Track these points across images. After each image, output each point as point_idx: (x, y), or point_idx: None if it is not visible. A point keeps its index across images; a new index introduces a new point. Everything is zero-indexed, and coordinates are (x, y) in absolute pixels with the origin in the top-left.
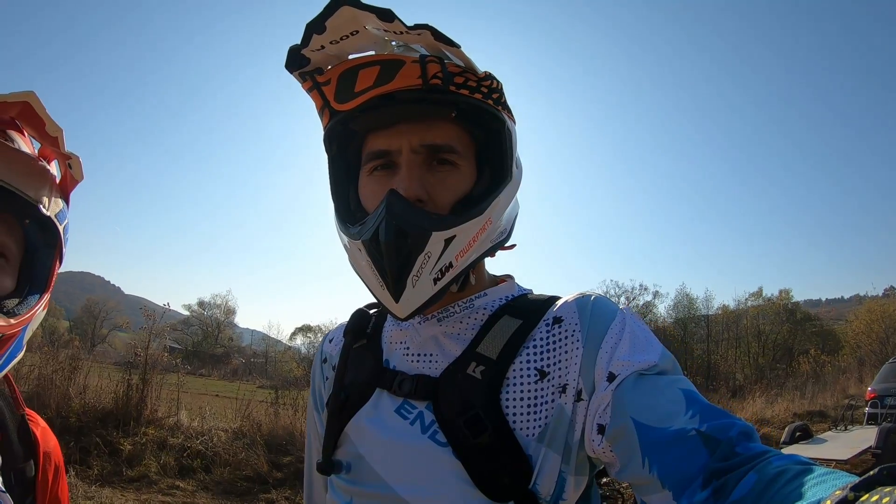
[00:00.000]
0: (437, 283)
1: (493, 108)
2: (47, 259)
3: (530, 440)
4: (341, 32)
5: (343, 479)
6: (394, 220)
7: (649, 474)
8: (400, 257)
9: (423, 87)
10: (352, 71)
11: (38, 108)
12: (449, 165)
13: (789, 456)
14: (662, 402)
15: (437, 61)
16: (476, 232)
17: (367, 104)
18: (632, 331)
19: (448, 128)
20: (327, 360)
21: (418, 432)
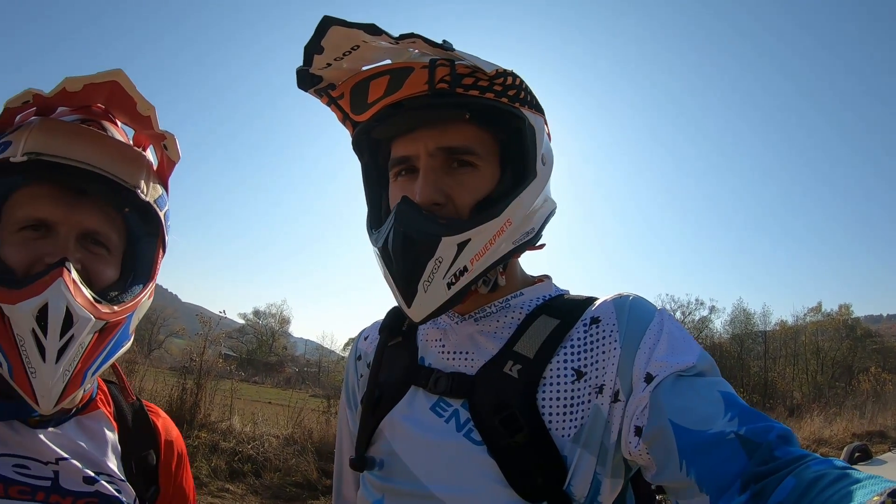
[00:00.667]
0: (452, 288)
1: (509, 105)
2: (150, 248)
3: (566, 441)
4: (341, 49)
5: (375, 476)
6: (402, 228)
7: (687, 478)
8: (408, 263)
9: (429, 93)
10: (363, 83)
11: (128, 87)
12: (468, 167)
13: (828, 460)
14: (701, 405)
15: (448, 64)
16: (493, 234)
17: (380, 113)
18: (670, 332)
19: (465, 129)
20: (362, 357)
21: (453, 430)
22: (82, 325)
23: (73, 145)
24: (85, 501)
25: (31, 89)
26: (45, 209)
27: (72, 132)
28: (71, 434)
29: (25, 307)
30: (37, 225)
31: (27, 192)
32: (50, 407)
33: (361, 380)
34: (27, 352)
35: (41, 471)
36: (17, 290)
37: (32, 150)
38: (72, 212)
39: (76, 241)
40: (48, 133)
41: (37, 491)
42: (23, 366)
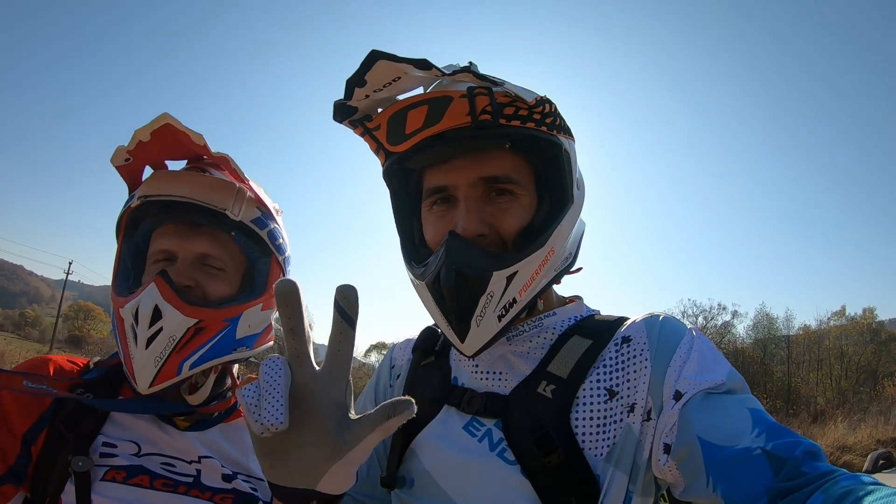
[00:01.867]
0: (502, 320)
1: (548, 134)
2: (264, 267)
3: (598, 460)
4: (383, 81)
5: (406, 495)
6: (454, 265)
7: (713, 493)
8: (462, 300)
9: (472, 124)
10: (401, 113)
11: (175, 123)
12: (508, 195)
13: (856, 476)
14: (729, 421)
15: (486, 92)
16: (539, 264)
17: (420, 145)
18: (700, 350)
19: (504, 157)
20: (395, 367)
21: (486, 450)
22: (170, 319)
23: (171, 185)
24: (222, 497)
25: (120, 146)
26: (168, 242)
27: (171, 176)
28: (214, 437)
29: (127, 307)
30: (165, 255)
31: (159, 232)
32: (146, 386)
33: (391, 389)
34: (129, 342)
35: (185, 468)
36: (125, 297)
37: (143, 194)
38: (187, 242)
39: (192, 265)
40: (155, 180)
41: (179, 485)
42: (128, 353)
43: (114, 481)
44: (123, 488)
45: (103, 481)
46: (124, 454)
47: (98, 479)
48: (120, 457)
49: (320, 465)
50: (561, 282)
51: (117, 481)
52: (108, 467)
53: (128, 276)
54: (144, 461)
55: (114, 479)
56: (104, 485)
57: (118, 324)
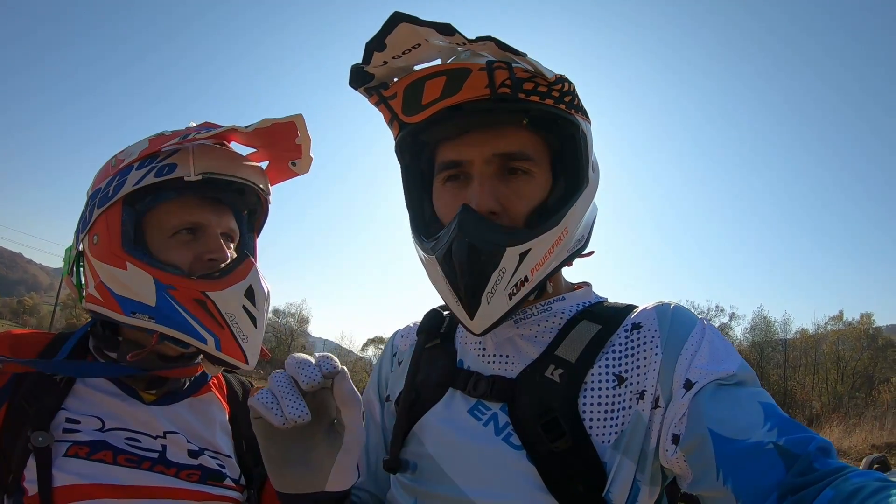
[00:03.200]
0: (513, 298)
1: (566, 112)
2: (250, 237)
3: (606, 447)
4: (403, 47)
5: (408, 479)
6: (466, 238)
7: (723, 487)
8: (474, 275)
9: (491, 97)
10: (418, 83)
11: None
12: (522, 174)
13: (868, 473)
14: (740, 414)
15: (505, 67)
16: (552, 244)
17: (436, 116)
18: (711, 340)
19: (520, 135)
20: (396, 353)
21: (492, 434)
22: (269, 299)
23: (234, 166)
24: (188, 473)
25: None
26: (198, 215)
27: (228, 156)
28: (181, 412)
29: (237, 289)
30: (191, 228)
31: (177, 203)
32: (255, 363)
33: (392, 375)
34: (238, 324)
35: (150, 444)
36: (221, 279)
37: (206, 170)
38: (218, 215)
39: (219, 238)
40: (211, 157)
41: (143, 461)
42: (233, 336)
43: (76, 457)
44: (86, 464)
45: (65, 457)
46: (87, 429)
47: (60, 454)
48: (83, 432)
49: (325, 462)
50: (573, 264)
51: (80, 457)
52: (71, 443)
53: (143, 251)
54: (108, 436)
55: (76, 455)
56: (66, 461)
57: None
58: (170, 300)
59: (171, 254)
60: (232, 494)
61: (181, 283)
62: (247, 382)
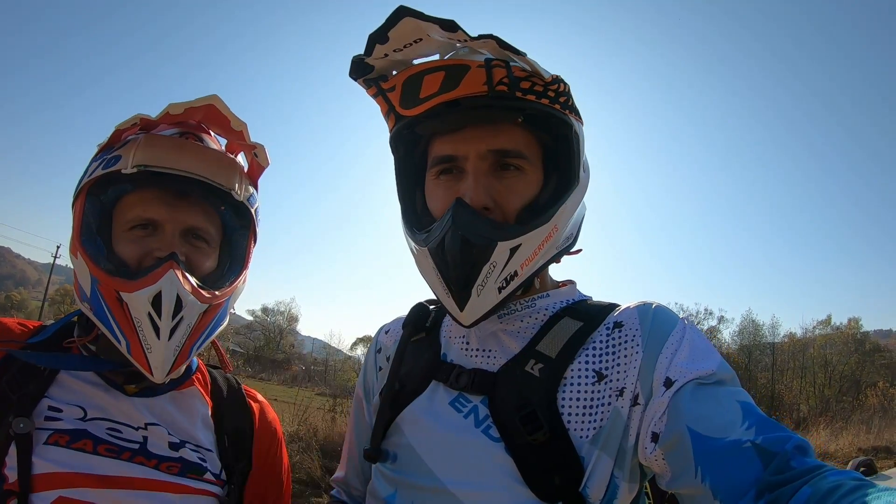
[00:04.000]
0: (502, 292)
1: (561, 112)
2: (243, 240)
3: (583, 442)
4: (404, 41)
5: (389, 469)
6: (459, 231)
7: (701, 484)
8: (465, 267)
9: (488, 94)
10: (417, 76)
11: (223, 108)
12: (515, 171)
13: (844, 471)
14: (719, 413)
15: (503, 65)
16: (542, 240)
17: (433, 110)
18: (691, 339)
19: (515, 132)
20: (382, 350)
21: (471, 426)
22: (190, 309)
23: (176, 157)
24: (168, 465)
25: (139, 114)
26: (153, 210)
27: (174, 146)
28: (163, 404)
29: (142, 294)
30: (145, 224)
31: (136, 197)
32: (163, 377)
33: (380, 372)
34: (143, 332)
35: (132, 435)
36: (134, 280)
37: (141, 162)
38: (175, 211)
39: (180, 237)
40: (153, 147)
41: (123, 451)
42: (140, 343)
43: (56, 445)
44: (65, 452)
45: (46, 445)
46: (69, 418)
47: (41, 442)
48: (64, 420)
49: None
50: (560, 261)
51: (60, 445)
52: (52, 431)
53: (96, 243)
54: (89, 426)
55: (56, 443)
56: (46, 448)
57: (113, 306)
58: (98, 294)
59: (122, 248)
60: (211, 489)
61: (104, 278)
62: (233, 379)
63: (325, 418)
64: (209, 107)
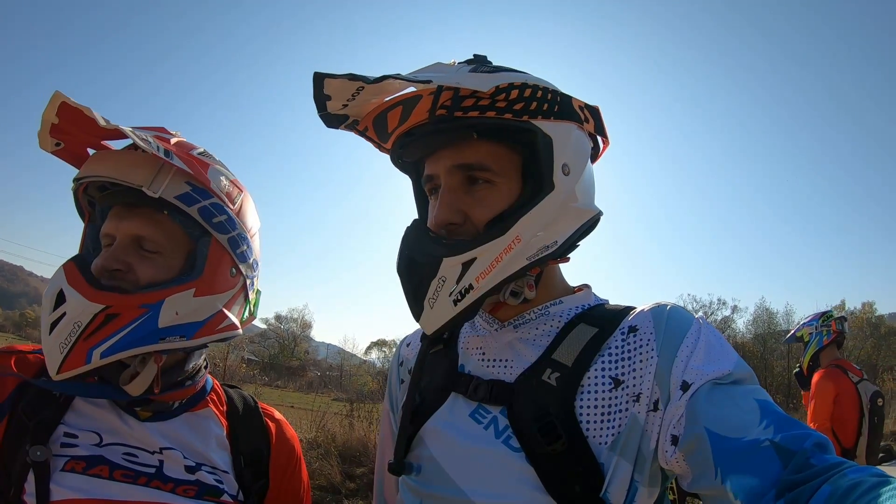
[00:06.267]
0: (459, 304)
1: (514, 120)
2: (203, 248)
3: (602, 448)
4: (347, 94)
5: (414, 481)
6: (405, 251)
7: (721, 485)
8: (413, 282)
9: (429, 120)
10: (381, 115)
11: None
12: (484, 184)
13: (864, 468)
14: (737, 413)
15: (453, 88)
16: (500, 252)
17: (398, 142)
18: (707, 340)
19: (480, 147)
20: (403, 363)
21: (492, 437)
22: (73, 304)
23: (96, 165)
24: (184, 489)
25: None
26: (108, 225)
27: (101, 156)
28: (177, 428)
29: (46, 294)
30: (109, 239)
31: (110, 215)
32: (54, 372)
33: (402, 385)
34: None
35: (147, 459)
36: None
37: (77, 176)
38: (121, 223)
39: (126, 248)
40: (89, 160)
41: (139, 476)
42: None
43: (73, 471)
44: (82, 479)
45: (63, 472)
46: (85, 444)
47: (58, 469)
48: (80, 447)
49: None
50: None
51: (77, 471)
52: (69, 457)
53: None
54: (105, 451)
55: (73, 470)
56: (63, 475)
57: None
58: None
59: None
60: None
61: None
62: (249, 398)
63: (342, 424)
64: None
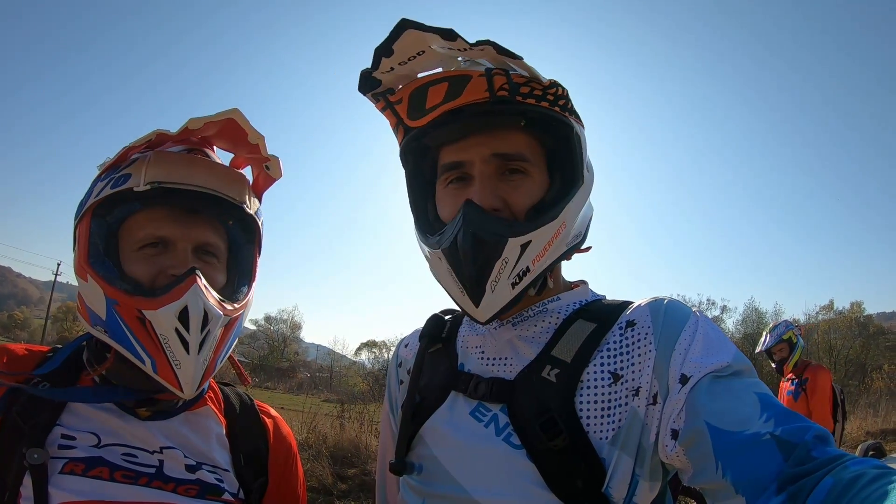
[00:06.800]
0: (516, 287)
1: (561, 115)
2: (249, 253)
3: (603, 443)
4: (408, 53)
5: (415, 480)
6: (471, 229)
7: (722, 479)
8: (478, 263)
9: (490, 100)
10: (422, 89)
11: (242, 122)
12: (520, 174)
13: (866, 460)
14: (737, 406)
15: (503, 73)
16: (551, 237)
17: (439, 120)
18: (705, 333)
19: (517, 137)
20: (402, 364)
21: (493, 434)
22: (215, 322)
23: (187, 173)
24: (186, 488)
25: (158, 129)
26: (165, 228)
27: (185, 162)
28: (177, 427)
29: (169, 310)
30: (156, 242)
31: (144, 215)
32: (192, 392)
33: (402, 386)
34: (171, 348)
35: (148, 459)
36: (157, 297)
37: (154, 179)
38: (186, 228)
39: (192, 254)
40: (165, 164)
41: (140, 476)
42: (167, 360)
43: (72, 474)
44: (82, 481)
45: (61, 474)
46: (83, 446)
47: (56, 472)
48: (78, 448)
49: None
50: (571, 258)
51: (76, 474)
52: (67, 459)
53: (106, 264)
54: (104, 452)
55: (72, 472)
56: (62, 478)
57: (134, 325)
58: (115, 315)
59: (135, 267)
60: None
61: (123, 298)
62: (245, 395)
63: (333, 425)
64: (228, 120)
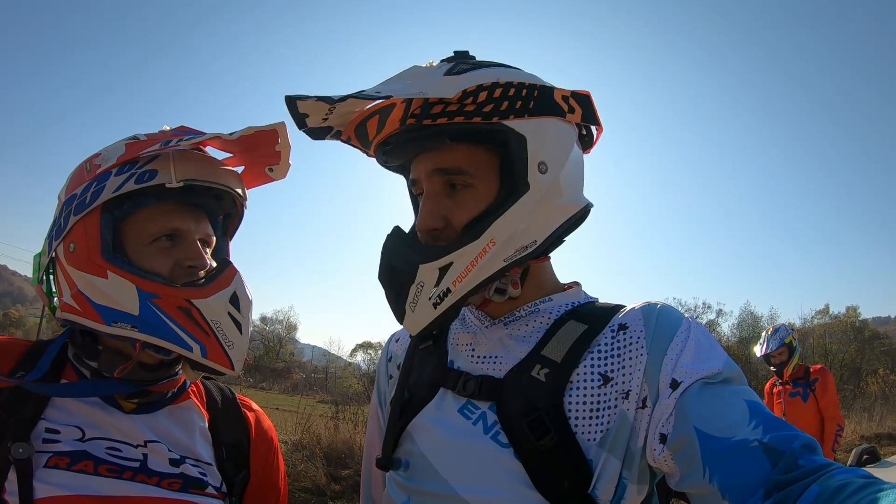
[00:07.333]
0: (438, 307)
1: (483, 123)
2: (225, 244)
3: (591, 444)
4: (322, 112)
5: (402, 477)
6: (384, 259)
7: (710, 485)
8: (395, 288)
9: (400, 129)
10: (362, 125)
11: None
12: (464, 187)
13: (852, 469)
14: (726, 412)
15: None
16: (475, 256)
17: (378, 151)
18: (697, 339)
19: (457, 150)
20: (392, 358)
21: (480, 432)
22: (251, 305)
23: (212, 171)
24: (170, 482)
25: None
26: (177, 221)
27: (205, 160)
28: (161, 420)
29: (223, 296)
30: (170, 234)
31: (156, 209)
32: (240, 368)
33: (391, 381)
34: (224, 331)
35: (131, 453)
36: (206, 287)
37: (186, 177)
38: (197, 223)
39: (198, 245)
40: (192, 162)
41: (124, 470)
42: (219, 343)
43: (57, 468)
44: (67, 475)
45: (46, 468)
46: (68, 440)
47: (41, 466)
48: (63, 442)
49: None
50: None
51: (60, 468)
52: (51, 453)
53: (121, 259)
54: (89, 446)
55: (57, 466)
56: (47, 472)
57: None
58: (154, 309)
59: (151, 261)
60: (213, 503)
61: (165, 291)
62: (226, 389)
63: (327, 426)
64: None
